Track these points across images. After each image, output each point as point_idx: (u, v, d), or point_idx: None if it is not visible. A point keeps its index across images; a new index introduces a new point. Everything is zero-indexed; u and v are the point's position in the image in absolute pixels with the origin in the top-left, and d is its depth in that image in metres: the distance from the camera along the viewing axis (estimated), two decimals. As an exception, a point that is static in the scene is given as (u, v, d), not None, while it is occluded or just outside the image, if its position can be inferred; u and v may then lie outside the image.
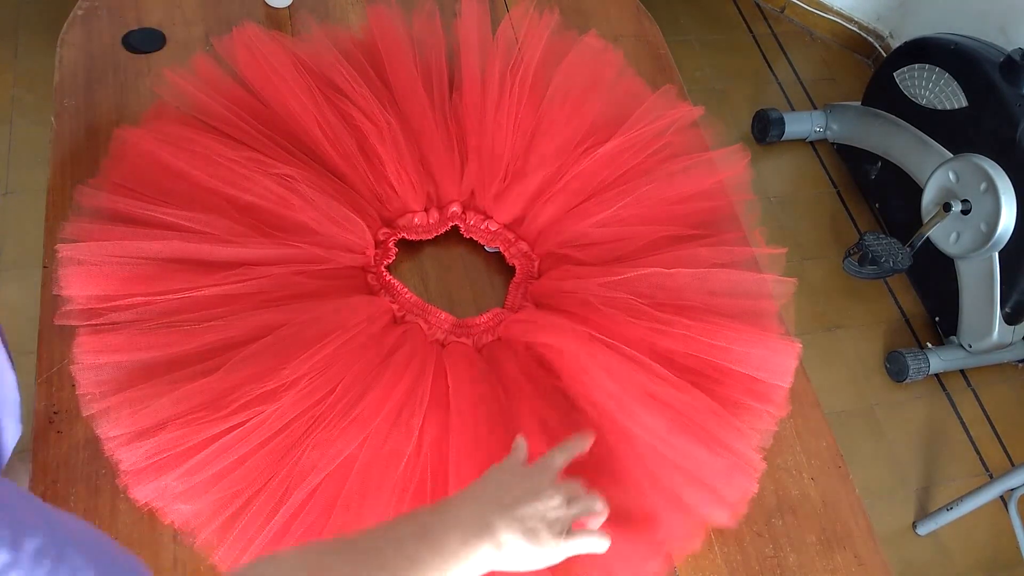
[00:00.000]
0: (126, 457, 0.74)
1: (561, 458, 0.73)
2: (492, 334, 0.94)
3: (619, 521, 0.77)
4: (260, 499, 0.75)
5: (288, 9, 1.15)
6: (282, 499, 0.75)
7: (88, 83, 1.03)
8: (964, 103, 1.93)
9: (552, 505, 0.67)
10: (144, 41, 1.08)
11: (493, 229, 1.02)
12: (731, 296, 0.94)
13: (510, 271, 1.01)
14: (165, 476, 0.74)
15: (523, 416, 0.83)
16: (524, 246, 1.02)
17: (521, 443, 0.73)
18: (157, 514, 0.74)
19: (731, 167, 1.05)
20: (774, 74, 2.56)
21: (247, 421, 0.76)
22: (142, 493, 0.74)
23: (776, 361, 0.90)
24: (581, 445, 0.75)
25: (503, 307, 0.97)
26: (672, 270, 0.93)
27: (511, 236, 1.02)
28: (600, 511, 0.72)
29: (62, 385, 0.82)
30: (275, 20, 1.14)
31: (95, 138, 0.99)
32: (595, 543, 0.70)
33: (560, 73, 1.08)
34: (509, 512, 0.65)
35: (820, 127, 2.33)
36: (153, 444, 0.74)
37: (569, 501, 0.69)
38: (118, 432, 0.74)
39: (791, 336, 0.93)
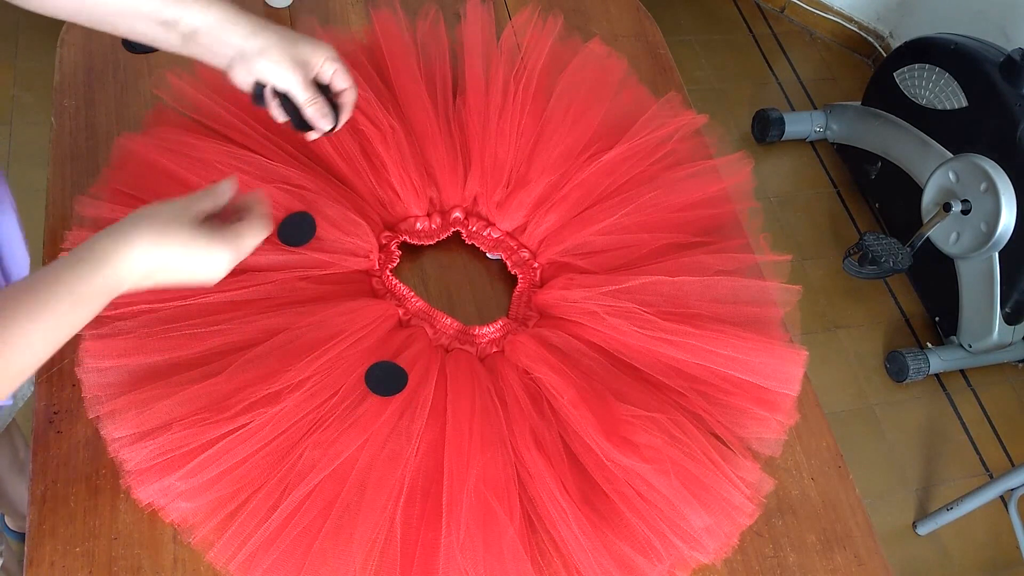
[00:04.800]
0: (130, 457, 0.74)
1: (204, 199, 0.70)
2: (497, 346, 0.94)
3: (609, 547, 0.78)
4: (258, 497, 0.76)
5: (288, 10, 1.15)
6: (281, 498, 0.76)
7: (88, 83, 1.03)
8: (964, 103, 1.94)
9: (171, 212, 0.66)
10: (144, 41, 1.08)
11: (495, 236, 1.02)
12: (736, 303, 0.94)
13: (513, 278, 1.01)
14: (168, 476, 0.74)
15: (518, 433, 0.83)
16: (526, 254, 1.02)
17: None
18: (158, 514, 0.74)
19: (735, 174, 1.05)
20: (774, 74, 2.56)
21: (251, 422, 0.76)
22: (145, 493, 0.74)
23: (783, 369, 0.90)
24: (223, 190, 0.71)
25: (507, 316, 0.97)
26: (676, 278, 0.93)
27: (513, 244, 1.02)
28: (220, 196, 0.70)
29: (62, 385, 0.82)
30: (275, 21, 1.14)
31: (95, 138, 0.99)
32: (252, 230, 0.70)
33: (563, 80, 1.08)
34: (141, 215, 0.66)
35: (820, 127, 2.33)
36: (158, 445, 0.74)
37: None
38: (123, 433, 0.74)
39: (796, 343, 0.93)
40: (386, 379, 0.83)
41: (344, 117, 0.84)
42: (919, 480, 1.93)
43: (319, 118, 0.80)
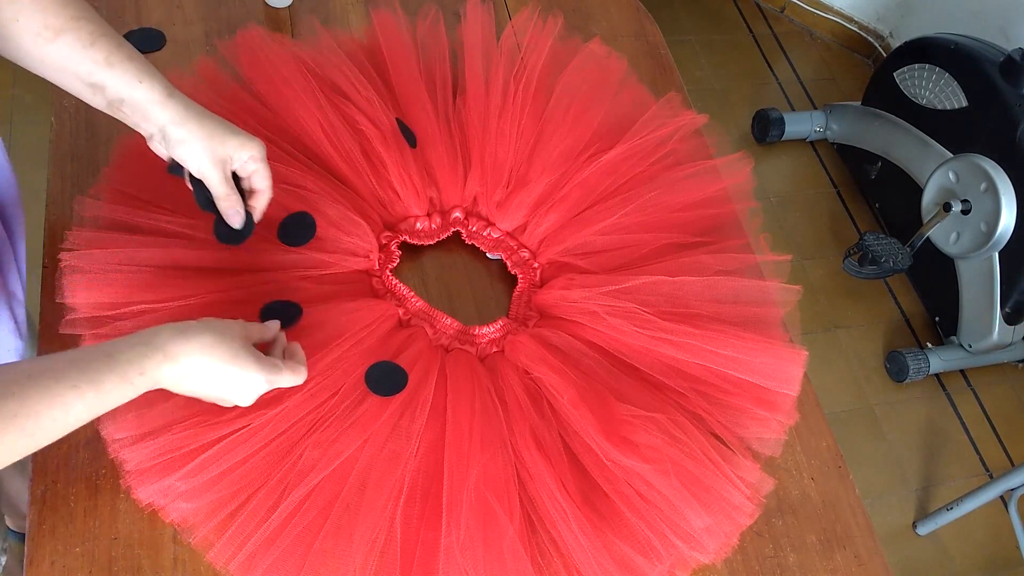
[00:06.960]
0: (130, 458, 0.74)
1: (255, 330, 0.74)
2: (497, 346, 0.94)
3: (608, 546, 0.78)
4: (258, 497, 0.76)
5: (288, 9, 1.15)
6: (281, 498, 0.76)
7: (88, 83, 1.03)
8: (964, 103, 1.94)
9: (232, 331, 0.69)
10: (144, 41, 1.08)
11: (495, 236, 1.02)
12: (736, 303, 0.94)
13: (513, 278, 1.01)
14: (169, 477, 0.74)
15: (518, 433, 0.83)
16: (526, 254, 1.02)
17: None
18: (158, 514, 0.74)
19: (735, 174, 1.05)
20: (774, 74, 2.56)
21: (251, 423, 0.76)
22: (145, 494, 0.74)
23: (783, 369, 0.90)
24: (272, 327, 0.76)
25: (507, 316, 0.97)
26: (676, 278, 0.93)
27: (513, 244, 1.02)
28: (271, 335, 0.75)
29: (62, 385, 0.82)
30: (275, 20, 1.14)
31: (95, 138, 0.99)
32: (291, 377, 0.72)
33: (563, 80, 1.08)
34: (185, 329, 0.67)
35: (820, 127, 2.33)
36: (158, 445, 0.74)
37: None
38: (123, 434, 0.74)
39: (796, 343, 0.93)
40: (386, 379, 0.83)
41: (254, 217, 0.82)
42: (919, 480, 1.93)
43: (231, 215, 0.79)
